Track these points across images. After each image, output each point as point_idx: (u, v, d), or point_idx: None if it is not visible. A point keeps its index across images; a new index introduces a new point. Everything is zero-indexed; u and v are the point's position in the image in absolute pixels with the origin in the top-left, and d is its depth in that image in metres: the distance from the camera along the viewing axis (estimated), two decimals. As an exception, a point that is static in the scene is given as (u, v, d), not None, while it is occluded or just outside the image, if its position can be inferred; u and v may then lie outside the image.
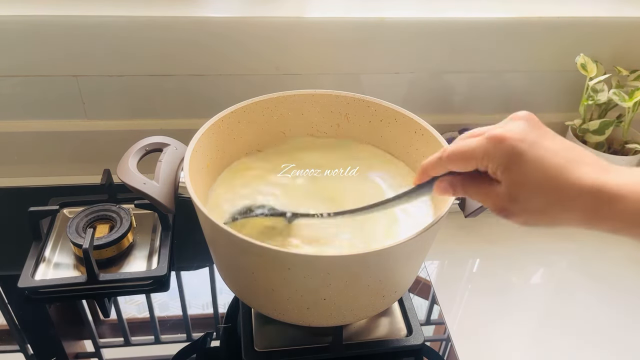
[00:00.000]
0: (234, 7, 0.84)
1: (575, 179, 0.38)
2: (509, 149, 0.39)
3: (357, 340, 0.65)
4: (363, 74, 0.89)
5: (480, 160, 0.41)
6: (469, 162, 0.42)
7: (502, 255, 0.82)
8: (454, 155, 0.43)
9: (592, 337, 0.70)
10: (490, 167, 0.41)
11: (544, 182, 0.39)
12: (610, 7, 0.91)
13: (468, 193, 0.44)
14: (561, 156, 0.39)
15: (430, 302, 0.73)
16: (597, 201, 0.37)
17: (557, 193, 0.39)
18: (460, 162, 0.43)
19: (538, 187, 0.39)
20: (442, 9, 0.87)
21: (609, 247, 0.84)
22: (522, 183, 0.39)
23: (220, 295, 0.73)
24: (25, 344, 0.66)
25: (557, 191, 0.38)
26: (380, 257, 0.51)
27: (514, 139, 0.39)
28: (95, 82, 0.84)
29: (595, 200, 0.37)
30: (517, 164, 0.39)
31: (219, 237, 0.54)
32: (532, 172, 0.39)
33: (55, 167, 0.91)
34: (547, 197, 0.39)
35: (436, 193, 0.46)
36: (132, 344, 0.67)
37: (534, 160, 0.39)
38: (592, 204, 0.38)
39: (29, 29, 0.78)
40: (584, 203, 0.38)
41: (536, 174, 0.39)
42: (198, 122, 0.63)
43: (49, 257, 0.74)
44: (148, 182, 0.57)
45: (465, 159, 0.42)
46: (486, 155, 0.40)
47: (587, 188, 0.38)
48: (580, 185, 0.38)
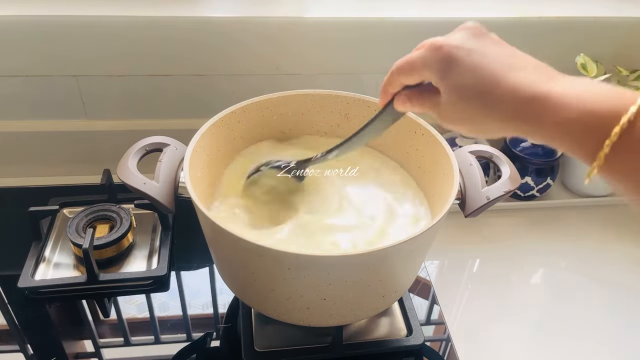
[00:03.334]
0: (234, 7, 0.84)
1: (511, 86, 0.37)
2: (444, 56, 0.40)
3: (357, 340, 0.65)
4: (363, 74, 0.89)
5: (421, 69, 0.42)
6: (412, 72, 0.43)
7: (502, 255, 0.82)
8: (400, 67, 0.44)
9: (592, 337, 0.70)
10: (431, 77, 0.41)
11: (476, 87, 0.38)
12: (610, 7, 0.91)
13: (422, 104, 0.44)
14: (499, 62, 0.39)
15: (430, 302, 0.73)
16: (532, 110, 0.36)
17: (489, 99, 0.38)
18: (406, 74, 0.43)
19: (471, 92, 0.39)
20: (442, 9, 0.87)
21: (609, 247, 0.84)
22: (456, 89, 0.39)
23: (220, 295, 0.73)
24: (25, 344, 0.66)
25: (489, 97, 0.38)
26: (380, 257, 0.51)
27: (451, 46, 0.40)
28: (95, 82, 0.84)
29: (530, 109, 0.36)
30: (452, 70, 0.39)
31: (219, 237, 0.54)
32: (465, 77, 0.39)
33: (55, 167, 0.91)
34: (481, 102, 0.38)
35: (397, 107, 0.47)
36: (132, 344, 0.67)
37: (468, 65, 0.39)
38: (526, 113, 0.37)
39: (29, 29, 0.78)
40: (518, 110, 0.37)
41: (469, 78, 0.39)
42: (198, 122, 0.63)
43: (49, 257, 0.74)
44: (148, 182, 0.57)
45: (409, 70, 0.43)
46: (425, 64, 0.41)
47: (522, 95, 0.37)
48: (515, 92, 0.37)
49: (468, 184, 0.59)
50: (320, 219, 0.61)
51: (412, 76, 0.43)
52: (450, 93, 0.40)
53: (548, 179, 0.87)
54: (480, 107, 0.39)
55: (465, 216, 0.58)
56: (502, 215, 0.88)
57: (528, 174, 0.86)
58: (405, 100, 0.45)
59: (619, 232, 0.86)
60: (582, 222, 0.88)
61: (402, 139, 0.68)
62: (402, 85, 0.45)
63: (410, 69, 0.43)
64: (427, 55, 0.41)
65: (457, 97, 0.40)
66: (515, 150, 0.87)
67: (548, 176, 0.87)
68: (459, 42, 0.40)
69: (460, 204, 0.59)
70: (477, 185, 0.59)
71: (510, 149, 0.88)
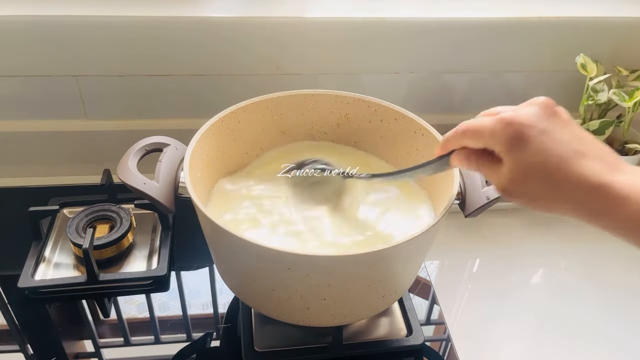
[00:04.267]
0: (234, 7, 0.84)
1: (577, 173, 0.38)
2: (514, 134, 0.40)
3: (357, 340, 0.65)
4: (363, 74, 0.89)
5: (488, 139, 0.42)
6: (478, 139, 0.43)
7: (502, 256, 0.82)
8: (467, 131, 0.44)
9: (592, 337, 0.70)
10: (496, 147, 0.41)
11: (543, 170, 0.39)
12: (610, 7, 0.91)
13: (479, 167, 0.44)
14: (567, 147, 0.39)
15: (430, 302, 0.73)
16: (596, 199, 0.37)
17: (554, 183, 0.39)
18: (471, 138, 0.43)
19: (537, 174, 0.39)
20: (442, 9, 0.87)
21: (609, 247, 0.84)
22: (522, 168, 0.40)
23: (220, 295, 0.73)
24: (25, 344, 0.66)
25: (554, 182, 0.39)
26: (380, 257, 0.51)
27: (523, 125, 0.40)
28: (95, 82, 0.84)
29: (594, 198, 0.37)
30: (520, 149, 0.39)
31: (219, 237, 0.54)
32: (533, 159, 0.39)
33: (55, 167, 0.91)
34: (545, 185, 0.39)
35: (453, 163, 0.47)
36: (132, 344, 0.67)
37: (537, 147, 0.39)
38: (591, 201, 0.38)
39: (29, 29, 0.78)
40: (582, 198, 0.38)
41: (537, 161, 0.39)
42: (198, 122, 0.63)
43: (49, 257, 0.74)
44: (148, 182, 0.57)
45: (475, 136, 0.43)
46: (493, 135, 0.41)
47: (586, 184, 0.38)
48: (579, 180, 0.38)
49: (468, 184, 0.59)
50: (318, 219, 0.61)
51: (477, 142, 0.43)
52: (515, 169, 0.40)
53: (548, 179, 0.87)
54: (542, 189, 0.39)
55: (465, 216, 0.58)
56: (502, 215, 0.88)
57: (528, 174, 0.86)
58: (463, 159, 0.45)
59: (619, 232, 0.86)
60: (581, 222, 0.88)
61: (402, 139, 0.68)
62: (462, 145, 0.45)
63: (477, 135, 0.43)
64: (496, 128, 0.41)
65: (521, 175, 0.40)
66: (515, 150, 0.87)
67: (548, 176, 0.87)
68: (530, 120, 0.40)
69: (460, 204, 0.59)
70: (477, 185, 0.59)
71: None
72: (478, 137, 0.43)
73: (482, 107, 0.45)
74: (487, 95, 0.94)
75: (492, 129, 0.41)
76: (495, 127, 0.41)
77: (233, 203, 0.63)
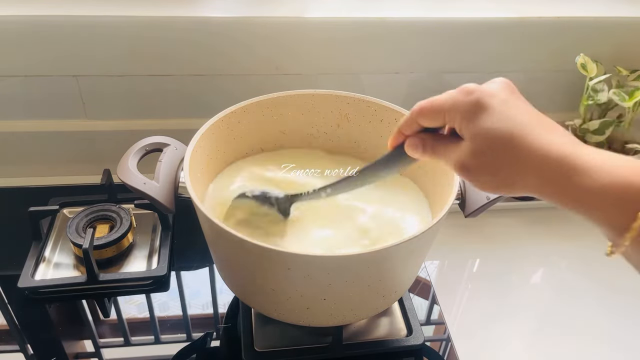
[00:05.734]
0: (234, 7, 0.84)
1: (543, 142, 0.36)
2: (476, 100, 0.38)
3: (357, 340, 0.65)
4: (363, 74, 0.89)
5: (447, 111, 0.40)
6: (437, 115, 0.41)
7: (502, 255, 0.82)
8: (424, 109, 0.42)
9: (592, 337, 0.70)
10: (456, 119, 0.40)
11: (505, 138, 0.37)
12: (610, 7, 0.91)
13: (435, 150, 0.42)
14: (530, 118, 0.38)
15: (430, 302, 0.73)
16: (561, 170, 0.35)
17: (517, 151, 0.36)
18: (429, 114, 0.41)
19: (500, 142, 0.37)
20: (442, 9, 0.87)
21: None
22: (485, 137, 0.38)
23: (220, 295, 0.73)
24: (25, 344, 0.66)
25: (518, 149, 0.36)
26: (380, 257, 0.51)
27: (484, 93, 0.39)
28: (95, 82, 0.84)
29: (559, 168, 0.35)
30: (482, 115, 0.38)
31: (219, 237, 0.54)
32: (495, 126, 0.37)
33: (55, 167, 0.91)
34: (508, 155, 0.37)
35: (408, 151, 0.44)
36: (132, 344, 0.67)
37: (500, 114, 0.37)
38: (555, 172, 0.35)
39: (29, 29, 0.78)
40: (545, 169, 0.36)
41: (499, 128, 0.37)
42: (198, 122, 0.63)
43: (49, 257, 0.74)
44: (148, 182, 0.57)
45: (434, 111, 0.41)
46: (454, 105, 0.39)
47: (553, 154, 0.35)
48: (545, 149, 0.36)
49: (468, 184, 0.59)
50: (318, 219, 0.61)
51: (435, 119, 0.41)
52: (476, 139, 0.38)
53: (548, 179, 0.87)
54: (505, 160, 0.37)
55: (465, 216, 0.58)
56: (502, 215, 0.88)
57: (528, 174, 0.86)
58: (418, 144, 0.43)
59: (619, 232, 0.86)
60: (582, 222, 0.87)
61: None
62: (419, 128, 0.43)
63: (434, 110, 0.41)
64: (457, 97, 0.39)
65: (484, 144, 0.38)
66: (515, 150, 0.87)
67: (548, 176, 0.87)
68: (492, 90, 0.39)
69: (460, 204, 0.59)
70: (477, 185, 0.58)
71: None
72: (436, 113, 0.41)
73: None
74: (487, 95, 0.93)
75: (453, 99, 0.39)
76: (456, 96, 0.39)
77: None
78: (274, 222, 0.59)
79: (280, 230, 0.59)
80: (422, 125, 0.43)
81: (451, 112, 0.40)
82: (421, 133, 0.43)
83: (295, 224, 0.60)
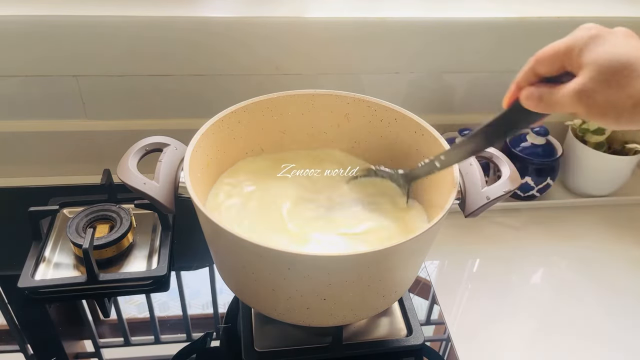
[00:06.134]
0: (234, 7, 0.84)
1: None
2: (596, 34, 0.40)
3: (357, 340, 0.65)
4: (363, 74, 0.89)
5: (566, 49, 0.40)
6: (555, 56, 0.41)
7: (502, 255, 0.82)
8: (542, 52, 0.42)
9: (592, 337, 0.70)
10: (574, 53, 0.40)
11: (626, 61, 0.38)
12: (610, 7, 0.91)
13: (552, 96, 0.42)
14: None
15: (430, 302, 0.73)
16: None
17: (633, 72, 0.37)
18: (547, 58, 0.42)
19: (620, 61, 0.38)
20: (442, 9, 0.87)
21: (609, 247, 0.84)
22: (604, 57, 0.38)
23: (220, 295, 0.73)
24: (25, 344, 0.66)
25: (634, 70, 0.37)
26: (380, 257, 0.51)
27: (604, 29, 0.40)
28: (95, 82, 0.84)
29: None
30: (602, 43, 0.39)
31: (219, 237, 0.54)
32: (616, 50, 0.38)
33: (55, 167, 0.91)
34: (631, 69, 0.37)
35: (524, 102, 0.44)
36: (132, 344, 0.67)
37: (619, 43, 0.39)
38: None
39: (29, 29, 0.78)
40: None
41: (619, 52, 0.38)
42: (198, 122, 0.63)
43: (49, 257, 0.74)
44: (148, 182, 0.57)
45: (552, 53, 0.41)
46: (573, 41, 0.40)
47: None
48: None
49: (468, 184, 0.59)
50: (318, 219, 0.61)
51: (553, 62, 0.41)
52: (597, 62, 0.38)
53: (548, 179, 0.87)
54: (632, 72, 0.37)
55: (465, 216, 0.58)
56: (502, 215, 0.88)
57: (528, 174, 0.86)
58: (534, 92, 0.43)
59: (619, 232, 0.86)
60: (582, 222, 0.88)
61: (402, 139, 0.68)
62: (537, 80, 0.43)
63: (553, 52, 0.41)
64: (576, 34, 0.41)
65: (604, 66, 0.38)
66: (515, 150, 0.87)
67: (548, 176, 0.87)
68: (611, 30, 0.40)
69: (460, 204, 0.59)
70: (477, 185, 0.59)
71: (510, 149, 0.88)
72: (554, 56, 0.41)
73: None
74: (487, 95, 0.93)
75: (572, 36, 0.41)
76: (575, 34, 0.41)
77: None
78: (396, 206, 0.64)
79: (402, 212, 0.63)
80: (540, 75, 0.43)
81: (569, 50, 0.40)
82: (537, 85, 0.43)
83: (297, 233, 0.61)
